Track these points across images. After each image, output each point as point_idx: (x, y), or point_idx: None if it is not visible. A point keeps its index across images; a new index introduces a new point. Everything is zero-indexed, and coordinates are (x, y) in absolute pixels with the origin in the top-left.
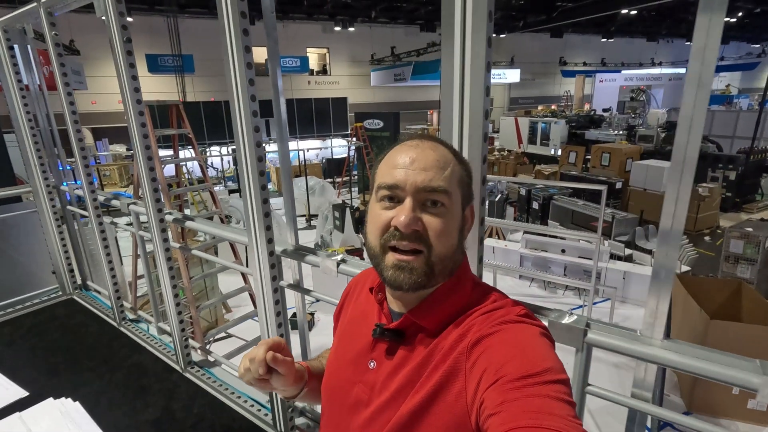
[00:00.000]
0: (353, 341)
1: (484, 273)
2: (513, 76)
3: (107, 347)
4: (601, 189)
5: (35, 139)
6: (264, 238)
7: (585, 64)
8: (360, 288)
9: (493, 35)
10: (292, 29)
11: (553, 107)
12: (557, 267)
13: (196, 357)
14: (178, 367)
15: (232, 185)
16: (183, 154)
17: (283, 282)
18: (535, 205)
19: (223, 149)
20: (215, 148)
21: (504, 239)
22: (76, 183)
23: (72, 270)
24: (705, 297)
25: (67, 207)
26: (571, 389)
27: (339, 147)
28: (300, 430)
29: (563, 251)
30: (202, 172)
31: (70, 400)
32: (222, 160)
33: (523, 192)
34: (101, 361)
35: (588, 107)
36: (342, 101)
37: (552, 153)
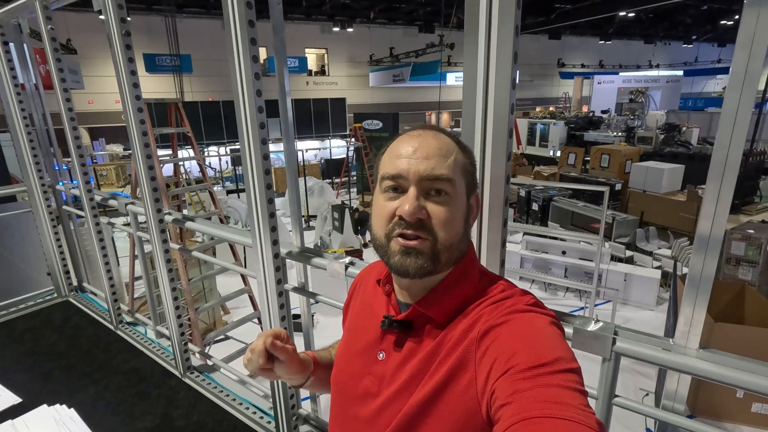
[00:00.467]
0: (362, 333)
1: None
2: None
3: (104, 351)
4: (604, 190)
5: (30, 137)
6: (269, 239)
7: (583, 66)
8: (367, 280)
9: None
10: (290, 29)
11: (552, 109)
12: (558, 268)
13: (195, 361)
14: (177, 372)
15: (230, 186)
16: (181, 153)
17: (288, 285)
18: (535, 207)
19: (221, 149)
20: (213, 148)
21: None
22: (72, 183)
23: (68, 271)
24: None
25: (63, 207)
26: (583, 378)
27: (338, 147)
28: None
29: (564, 253)
30: (201, 171)
31: (65, 406)
32: (220, 160)
33: (523, 193)
34: (97, 366)
35: (586, 109)
36: (341, 102)
37: (551, 154)
